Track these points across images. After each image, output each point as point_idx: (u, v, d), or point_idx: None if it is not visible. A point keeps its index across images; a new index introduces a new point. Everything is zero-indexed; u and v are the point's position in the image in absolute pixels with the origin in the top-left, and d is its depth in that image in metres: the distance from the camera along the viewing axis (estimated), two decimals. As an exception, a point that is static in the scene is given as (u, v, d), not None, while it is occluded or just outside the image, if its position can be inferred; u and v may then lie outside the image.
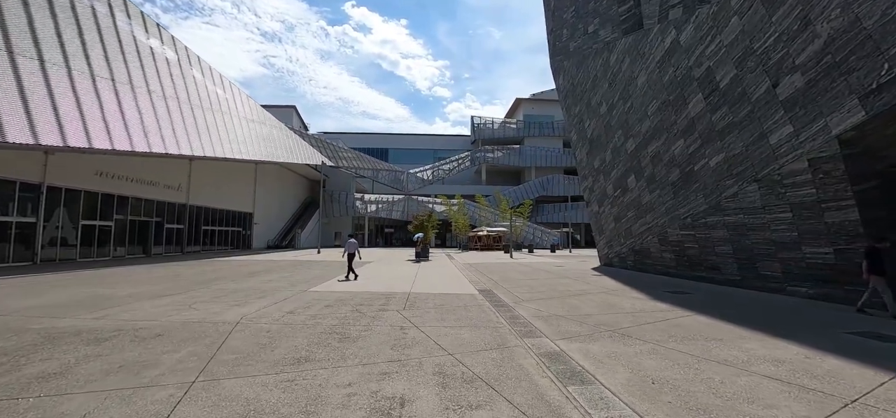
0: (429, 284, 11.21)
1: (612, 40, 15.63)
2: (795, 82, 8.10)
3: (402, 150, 62.88)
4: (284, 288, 10.20)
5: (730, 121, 9.93)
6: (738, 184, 9.87)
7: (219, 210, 27.99)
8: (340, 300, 8.41)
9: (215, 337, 5.25)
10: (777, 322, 6.49)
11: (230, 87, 24.95)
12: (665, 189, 12.98)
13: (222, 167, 26.70)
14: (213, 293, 9.09)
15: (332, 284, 11.09)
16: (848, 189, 7.47)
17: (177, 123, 18.89)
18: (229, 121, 22.79)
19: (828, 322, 6.56)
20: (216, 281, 11.40)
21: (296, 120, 51.10)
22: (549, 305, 8.02)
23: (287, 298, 8.47)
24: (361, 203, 44.01)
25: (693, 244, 12.00)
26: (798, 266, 8.75)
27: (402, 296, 8.97)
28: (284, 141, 29.78)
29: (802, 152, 8.11)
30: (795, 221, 8.59)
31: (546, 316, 6.91)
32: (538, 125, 59.14)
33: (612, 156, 16.60)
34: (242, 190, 30.66)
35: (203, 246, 26.43)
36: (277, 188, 36.15)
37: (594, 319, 6.67)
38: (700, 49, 10.68)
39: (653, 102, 13.18)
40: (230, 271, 14.33)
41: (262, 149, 25.58)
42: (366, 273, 14.25)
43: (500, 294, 9.58)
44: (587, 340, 5.39)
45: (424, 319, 6.57)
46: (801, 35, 7.91)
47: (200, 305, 7.50)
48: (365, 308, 7.54)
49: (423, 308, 7.58)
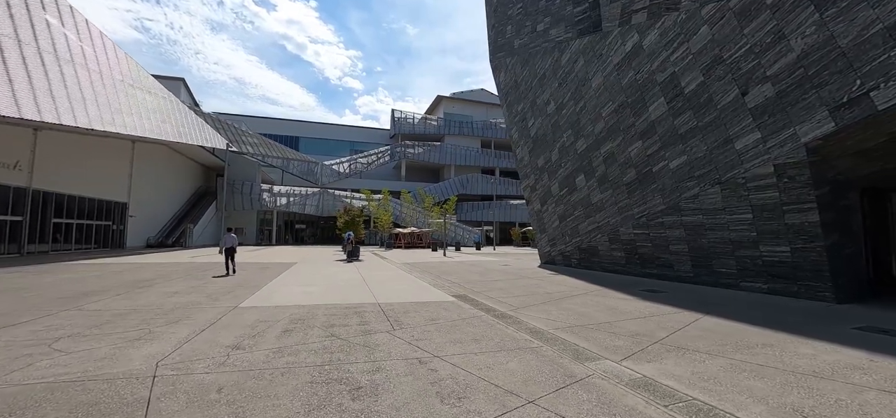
0: (390, 291, 9.51)
1: (565, 40, 15.67)
2: (766, 92, 8.56)
3: (314, 140, 57.85)
4: (201, 303, 7.54)
5: (693, 125, 10.33)
6: (700, 186, 10.32)
7: (79, 198, 21.45)
8: (297, 319, 6.33)
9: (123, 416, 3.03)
10: (782, 320, 6.52)
11: (103, 42, 19.09)
12: (619, 189, 13.30)
13: (86, 142, 20.48)
14: (89, 319, 6.13)
15: (268, 294, 8.66)
16: (810, 193, 8.10)
17: (16, 76, 13.49)
18: (99, 83, 17.29)
19: (822, 316, 6.81)
20: (89, 296, 8.02)
21: (184, 95, 42.81)
22: (553, 313, 7.13)
23: (216, 322, 6.07)
24: (270, 195, 38.76)
25: (646, 242, 12.45)
26: (754, 264, 9.39)
27: (374, 309, 7.21)
28: (175, 116, 24.13)
29: (769, 158, 8.62)
30: (755, 222, 9.17)
31: (568, 328, 5.97)
32: (458, 124, 59.68)
33: (559, 155, 16.73)
34: (114, 173, 24.09)
35: (54, 245, 19.93)
36: (162, 174, 29.49)
37: (623, 328, 5.94)
38: (665, 54, 10.97)
39: (608, 104, 13.39)
40: (107, 281, 10.53)
41: (144, 122, 20.16)
42: (298, 278, 11.80)
43: (484, 300, 8.42)
44: (653, 358, 4.54)
45: (436, 344, 5.06)
46: (773, 48, 8.35)
47: (74, 344, 4.79)
48: (340, 329, 5.68)
49: (417, 326, 6.02)
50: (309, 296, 8.65)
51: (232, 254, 12.65)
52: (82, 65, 16.47)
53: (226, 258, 12.64)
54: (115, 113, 18.06)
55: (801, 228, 8.38)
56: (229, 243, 12.77)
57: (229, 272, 12.37)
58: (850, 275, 8.56)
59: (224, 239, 12.76)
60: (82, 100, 16.12)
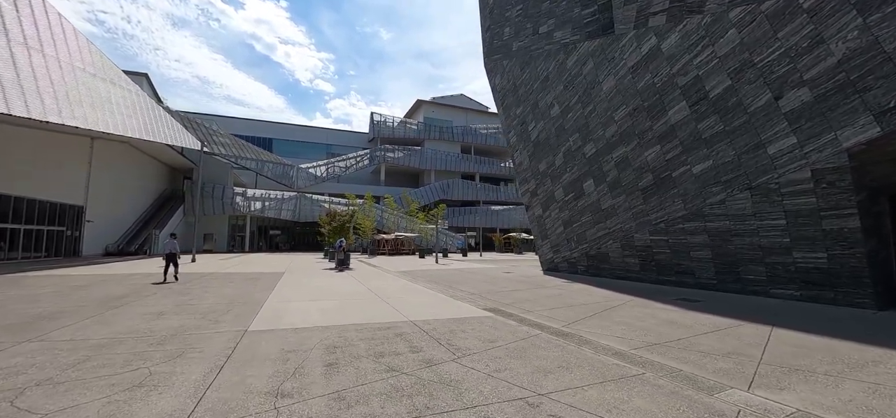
0: (413, 306, 8.61)
1: (572, 42, 15.38)
2: (802, 96, 8.44)
3: (288, 142, 55.52)
4: (200, 327, 6.34)
5: (720, 129, 10.15)
6: (727, 192, 10.14)
7: (27, 200, 18.85)
8: (332, 346, 5.34)
9: None
10: (853, 330, 6.21)
11: (62, 26, 16.88)
12: (633, 194, 13.04)
13: (38, 137, 18.07)
14: (60, 355, 4.83)
15: (276, 313, 7.52)
16: (851, 199, 7.99)
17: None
18: (57, 71, 15.17)
19: (883, 325, 6.59)
20: (51, 320, 6.59)
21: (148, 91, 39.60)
22: (613, 328, 6.51)
23: (231, 354, 4.94)
24: (243, 199, 36.40)
25: (664, 249, 12.21)
26: (786, 270, 9.24)
27: (413, 330, 6.32)
28: (143, 111, 21.88)
29: (806, 163, 8.49)
30: (789, 228, 9.02)
31: (648, 347, 5.35)
32: (438, 129, 59.10)
33: (564, 159, 16.39)
34: (69, 173, 21.50)
35: (-8, 255, 17.34)
36: (124, 174, 26.79)
37: (707, 346, 5.39)
38: (687, 57, 10.79)
39: (622, 107, 13.14)
40: (68, 298, 8.92)
41: (108, 116, 18.02)
42: (300, 292, 10.62)
43: (523, 314, 7.70)
44: (779, 384, 3.98)
45: (522, 375, 4.29)
46: (811, 52, 8.24)
47: (47, 400, 3.58)
48: (394, 360, 4.78)
49: (480, 351, 5.20)
50: (325, 314, 7.60)
51: (173, 261, 12.41)
52: (37, 49, 14.38)
53: (166, 264, 12.35)
54: (74, 104, 15.97)
55: (840, 234, 8.27)
56: (170, 249, 12.42)
57: (166, 279, 12.26)
58: (884, 281, 8.55)
59: (166, 245, 12.50)
60: (36, 88, 14.06)
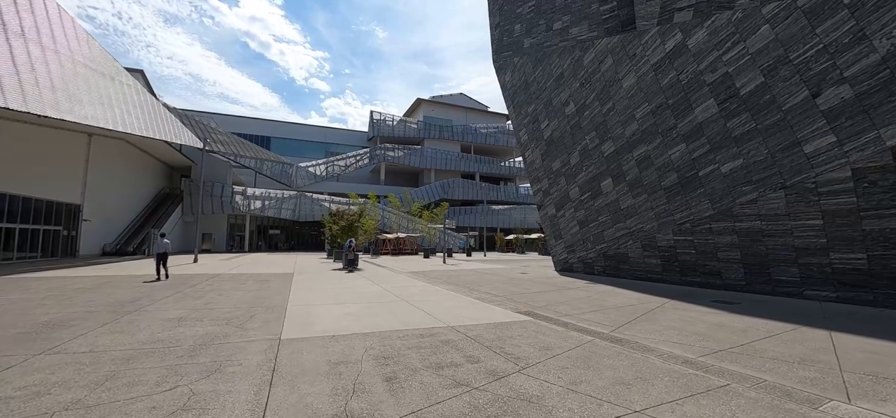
0: (445, 310, 8.29)
1: (589, 39, 15.15)
2: (842, 93, 8.26)
3: (287, 140, 54.76)
4: (228, 335, 5.94)
5: (751, 127, 9.97)
6: (759, 191, 9.96)
7: (23, 198, 18.19)
8: (380, 356, 5.00)
9: None
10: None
11: (60, 17, 16.25)
12: (656, 193, 12.84)
13: (33, 132, 17.42)
14: (82, 371, 4.36)
15: (303, 318, 7.15)
16: (894, 199, 7.81)
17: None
18: (55, 64, 14.58)
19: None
20: (61, 328, 6.15)
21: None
22: (665, 333, 6.26)
23: (275, 368, 4.50)
24: (243, 198, 35.75)
25: (689, 249, 12.02)
26: (821, 271, 9.08)
27: (459, 336, 6.02)
28: (143, 107, 21.26)
29: (846, 161, 8.31)
30: (826, 228, 8.85)
31: (712, 354, 5.09)
32: (438, 128, 58.67)
33: (580, 157, 16.16)
34: (66, 170, 20.81)
35: (-15, 255, 16.69)
36: (122, 172, 26.08)
37: (773, 351, 5.15)
38: (716, 54, 10.59)
39: (643, 105, 12.94)
40: (74, 302, 8.45)
41: (107, 112, 17.42)
42: (320, 295, 10.26)
43: (564, 318, 7.42)
44: (879, 395, 3.73)
45: (600, 388, 4.00)
46: (852, 48, 8.07)
47: None
48: (454, 371, 4.47)
49: (541, 360, 4.92)
50: (357, 319, 7.25)
51: (164, 260, 12.83)
52: (35, 41, 13.80)
53: (157, 263, 12.79)
54: (73, 99, 15.39)
55: (882, 234, 8.11)
56: (162, 249, 12.82)
57: (160, 277, 12.71)
58: (923, 282, 8.41)
59: (158, 245, 12.93)
60: (35, 81, 13.49)
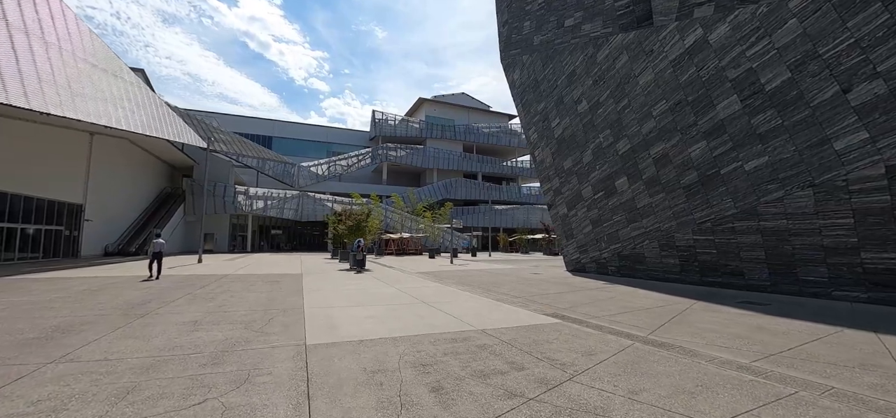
0: (469, 312, 8.03)
1: (603, 36, 14.91)
2: (876, 89, 8.04)
3: (288, 140, 54.48)
4: (249, 340, 5.64)
5: (777, 124, 9.74)
6: (785, 189, 9.73)
7: (24, 197, 17.86)
8: (416, 363, 4.73)
9: None
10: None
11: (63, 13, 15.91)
12: (674, 192, 12.60)
13: (35, 130, 17.10)
14: (99, 382, 3.97)
15: (325, 322, 6.87)
16: (932, 196, 7.60)
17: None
18: (58, 60, 14.25)
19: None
20: (71, 333, 5.85)
21: (143, 85, 38.36)
22: (705, 336, 6.02)
23: (310, 377, 4.20)
24: (245, 198, 35.43)
25: (710, 249, 11.79)
26: (852, 272, 8.86)
27: (493, 340, 5.76)
28: (146, 106, 20.92)
29: (880, 159, 8.09)
30: (857, 227, 8.63)
31: (764, 358, 4.85)
32: (440, 127, 58.44)
33: (593, 156, 15.93)
34: (68, 170, 20.47)
35: (-14, 256, 16.35)
36: (123, 171, 25.73)
37: (824, 356, 4.91)
38: (739, 49, 10.36)
39: (661, 102, 12.71)
40: (82, 304, 8.14)
41: (111, 110, 17.09)
42: (337, 297, 9.98)
43: (596, 321, 7.17)
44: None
45: (660, 397, 3.76)
46: (886, 42, 7.84)
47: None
48: (502, 380, 4.22)
49: (588, 367, 4.67)
50: (382, 322, 6.98)
51: (158, 259, 12.97)
52: (38, 36, 13.48)
53: (150, 262, 12.93)
54: (76, 96, 15.07)
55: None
56: (157, 248, 13.03)
57: (152, 275, 12.84)
58: (960, 282, 8.20)
59: (153, 244, 13.09)
60: (37, 77, 13.16)
